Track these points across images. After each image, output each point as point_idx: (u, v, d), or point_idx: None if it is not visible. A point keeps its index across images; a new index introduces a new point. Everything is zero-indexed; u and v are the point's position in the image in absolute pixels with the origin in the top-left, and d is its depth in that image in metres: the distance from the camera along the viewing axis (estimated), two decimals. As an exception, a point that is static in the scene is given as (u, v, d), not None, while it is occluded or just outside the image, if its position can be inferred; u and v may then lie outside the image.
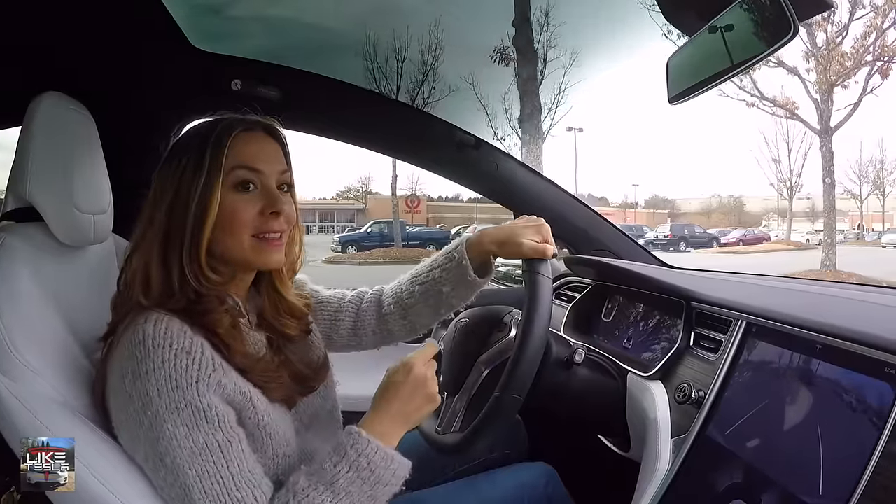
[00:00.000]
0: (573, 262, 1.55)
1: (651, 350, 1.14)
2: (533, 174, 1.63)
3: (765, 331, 0.89)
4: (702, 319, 1.04)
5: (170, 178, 0.75)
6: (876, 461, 0.62)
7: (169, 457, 0.65)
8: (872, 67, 9.42)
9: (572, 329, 1.37)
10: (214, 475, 0.66)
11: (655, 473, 0.89)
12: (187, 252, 0.74)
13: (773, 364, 0.84)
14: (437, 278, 0.95)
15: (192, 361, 0.67)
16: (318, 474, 0.71)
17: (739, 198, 33.30)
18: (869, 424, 0.66)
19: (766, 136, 18.92)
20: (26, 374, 0.71)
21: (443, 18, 4.14)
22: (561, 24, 9.42)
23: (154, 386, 0.66)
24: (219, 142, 0.75)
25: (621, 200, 30.89)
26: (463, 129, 1.58)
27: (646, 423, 0.99)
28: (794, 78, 10.07)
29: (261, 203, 0.77)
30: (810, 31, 9.33)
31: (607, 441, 1.21)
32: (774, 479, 0.74)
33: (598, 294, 1.41)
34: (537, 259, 0.89)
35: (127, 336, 0.69)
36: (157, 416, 0.65)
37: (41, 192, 0.86)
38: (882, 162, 19.27)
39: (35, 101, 0.87)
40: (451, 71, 9.07)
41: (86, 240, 0.93)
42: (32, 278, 0.80)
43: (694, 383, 0.93)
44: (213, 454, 0.66)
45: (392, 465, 0.73)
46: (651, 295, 1.22)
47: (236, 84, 1.34)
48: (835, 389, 0.73)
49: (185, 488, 0.65)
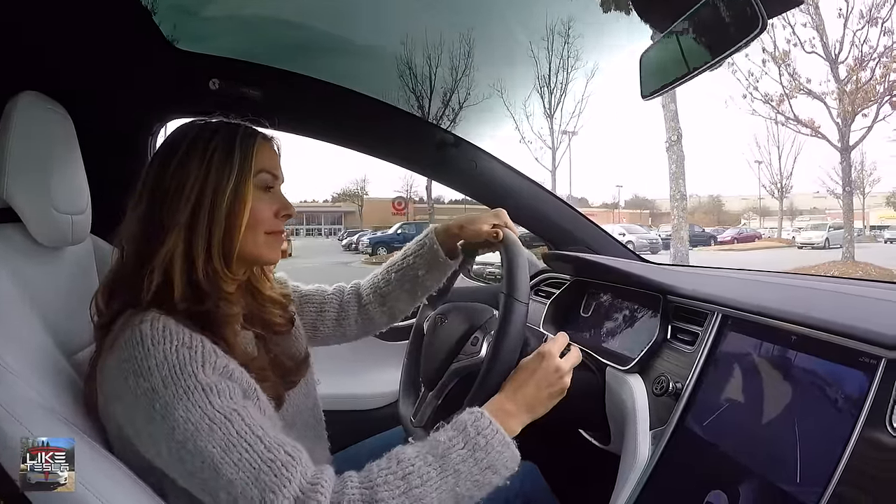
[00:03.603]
0: (552, 258, 1.57)
1: (629, 344, 1.15)
2: (512, 172, 1.64)
3: (740, 323, 0.90)
4: (679, 313, 1.06)
5: (190, 175, 0.74)
6: (852, 448, 0.64)
7: (190, 441, 0.63)
8: (882, 99, 11.01)
9: (551, 324, 1.38)
10: (239, 443, 0.63)
11: (635, 465, 0.91)
12: (217, 247, 0.74)
13: (750, 355, 0.86)
14: (411, 264, 1.02)
15: (195, 352, 0.67)
16: (428, 444, 0.69)
17: (718, 197, 33.78)
18: (844, 412, 0.68)
19: (758, 140, 19.60)
20: (6, 376, 0.69)
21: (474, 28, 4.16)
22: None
23: (158, 379, 0.64)
24: (248, 143, 0.78)
25: (601, 202, 31.09)
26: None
27: (625, 416, 1.00)
28: (815, 102, 11.85)
29: (276, 205, 0.81)
30: (834, 68, 11.10)
31: (587, 435, 1.22)
32: (752, 469, 0.75)
33: (576, 289, 1.43)
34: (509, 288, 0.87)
35: (123, 338, 0.67)
36: (167, 406, 0.64)
37: (19, 192, 0.84)
38: (862, 164, 20.43)
39: (12, 101, 0.86)
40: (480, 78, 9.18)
41: (64, 240, 0.92)
42: (10, 279, 0.79)
43: (671, 376, 0.95)
44: (233, 423, 0.64)
45: (507, 453, 0.72)
46: (629, 290, 1.24)
47: (214, 83, 1.34)
48: (810, 379, 0.75)
49: (214, 468, 0.62)
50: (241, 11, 1.43)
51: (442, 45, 6.13)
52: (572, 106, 12.97)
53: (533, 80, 11.94)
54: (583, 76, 12.23)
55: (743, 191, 32.42)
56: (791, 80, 11.76)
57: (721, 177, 61.21)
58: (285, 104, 1.47)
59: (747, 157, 30.82)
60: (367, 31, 1.72)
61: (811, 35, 11.10)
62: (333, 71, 1.51)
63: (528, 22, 8.04)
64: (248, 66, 1.43)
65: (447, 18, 2.25)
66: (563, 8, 8.26)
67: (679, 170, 9.61)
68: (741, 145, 54.88)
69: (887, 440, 0.62)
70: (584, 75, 12.18)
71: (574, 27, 10.83)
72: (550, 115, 13.81)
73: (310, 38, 1.53)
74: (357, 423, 1.25)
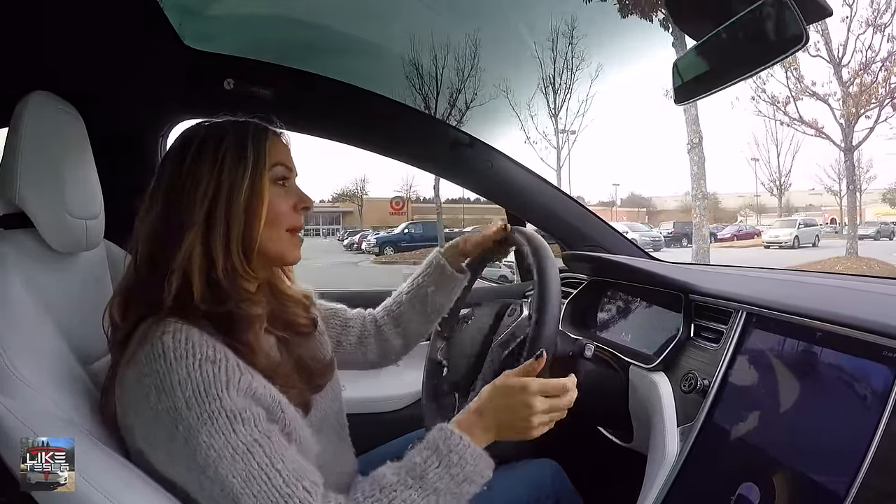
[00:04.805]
0: (570, 258, 1.57)
1: (649, 342, 1.15)
2: (526, 172, 1.64)
3: (765, 320, 0.91)
4: (701, 311, 1.06)
5: (204, 172, 0.73)
6: (879, 439, 0.65)
7: (211, 468, 0.63)
8: (884, 101, 11.26)
9: (570, 324, 1.38)
10: (260, 476, 0.64)
11: (664, 461, 0.90)
12: (237, 243, 0.73)
13: (775, 352, 0.87)
14: (420, 283, 1.07)
15: (218, 370, 0.65)
16: (405, 468, 0.71)
17: (714, 195, 33.85)
18: (870, 405, 0.69)
19: (757, 138, 19.69)
20: (24, 389, 0.67)
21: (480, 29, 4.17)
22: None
23: (182, 399, 0.63)
24: (260, 137, 0.77)
25: (598, 200, 31.11)
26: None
27: (651, 413, 1.00)
28: (819, 103, 12.04)
29: (293, 198, 0.80)
30: (837, 70, 11.33)
31: (608, 433, 1.21)
32: (782, 461, 0.76)
33: (593, 289, 1.43)
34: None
35: (143, 351, 0.65)
36: (190, 428, 0.63)
37: (31, 196, 0.82)
38: (859, 161, 20.37)
39: (22, 101, 0.83)
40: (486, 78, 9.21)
41: (78, 246, 0.90)
42: (25, 286, 0.77)
43: (698, 373, 0.95)
44: (255, 455, 0.64)
45: (481, 463, 0.73)
46: (647, 288, 1.24)
47: (229, 83, 1.32)
48: (835, 374, 0.76)
49: (233, 497, 0.63)
50: (251, 10, 1.41)
51: (448, 46, 6.14)
52: (576, 106, 13.09)
53: (537, 81, 11.99)
54: (587, 77, 12.28)
55: (739, 188, 32.53)
56: (797, 82, 11.93)
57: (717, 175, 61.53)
58: (297, 103, 1.46)
59: (745, 154, 30.97)
60: (376, 31, 1.71)
61: (815, 39, 11.16)
62: (343, 70, 1.49)
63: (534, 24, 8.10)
64: (259, 65, 1.42)
65: (453, 19, 2.23)
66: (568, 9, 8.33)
67: (700, 171, 9.86)
68: (739, 143, 55.05)
69: None
70: (588, 76, 12.28)
71: (579, 28, 10.90)
72: (555, 115, 13.87)
73: (320, 37, 1.51)
74: (377, 425, 1.24)
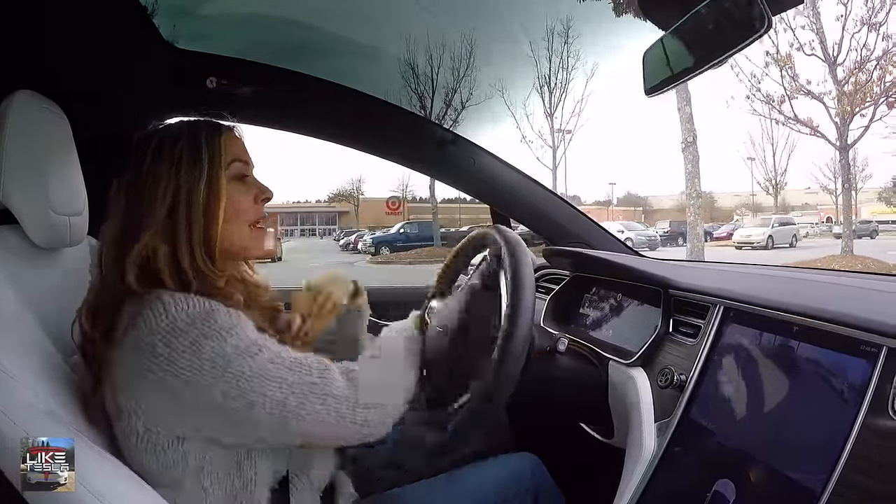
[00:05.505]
0: (551, 253, 1.57)
1: (630, 338, 1.15)
2: (511, 170, 1.64)
3: (742, 315, 0.90)
4: (680, 306, 1.06)
5: (163, 173, 0.76)
6: (856, 434, 0.65)
7: (254, 392, 0.69)
8: (879, 100, 11.33)
9: (551, 320, 1.38)
10: (298, 371, 0.72)
11: (641, 457, 0.91)
12: (199, 245, 0.75)
13: (753, 346, 0.86)
14: None
15: (217, 317, 0.70)
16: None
17: (710, 194, 33.84)
18: (847, 399, 0.68)
19: (753, 137, 19.63)
20: (6, 381, 0.68)
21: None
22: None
23: (196, 331, 0.68)
24: (213, 136, 0.80)
25: (594, 199, 31.12)
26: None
27: (629, 409, 1.01)
28: (814, 101, 12.15)
29: (253, 191, 0.83)
30: (832, 69, 11.43)
31: (590, 429, 1.22)
32: (758, 457, 0.76)
33: (576, 285, 1.43)
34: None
35: (141, 318, 0.69)
36: (213, 349, 0.68)
37: (16, 193, 0.84)
38: (854, 160, 20.48)
39: (7, 100, 0.84)
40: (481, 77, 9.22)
41: (61, 242, 0.91)
42: (7, 282, 0.78)
43: (675, 368, 0.95)
44: (284, 362, 0.72)
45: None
46: (628, 284, 1.24)
47: (212, 81, 1.33)
48: (813, 368, 0.75)
49: (282, 404, 0.69)
50: (240, 10, 1.41)
51: (444, 46, 6.14)
52: (572, 105, 13.18)
53: (533, 80, 12.04)
54: (582, 75, 12.36)
55: (735, 187, 32.59)
56: (792, 81, 11.98)
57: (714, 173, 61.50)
58: (286, 103, 1.47)
59: (741, 153, 31.03)
60: (369, 32, 1.71)
61: (810, 38, 11.34)
62: (335, 71, 1.50)
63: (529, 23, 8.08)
64: (247, 65, 1.42)
65: (449, 20, 2.23)
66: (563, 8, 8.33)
67: (695, 169, 10.00)
68: (734, 142, 55.12)
69: (890, 426, 0.63)
70: (583, 74, 12.36)
71: (573, 27, 10.94)
72: (551, 115, 13.94)
73: (311, 38, 1.52)
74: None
